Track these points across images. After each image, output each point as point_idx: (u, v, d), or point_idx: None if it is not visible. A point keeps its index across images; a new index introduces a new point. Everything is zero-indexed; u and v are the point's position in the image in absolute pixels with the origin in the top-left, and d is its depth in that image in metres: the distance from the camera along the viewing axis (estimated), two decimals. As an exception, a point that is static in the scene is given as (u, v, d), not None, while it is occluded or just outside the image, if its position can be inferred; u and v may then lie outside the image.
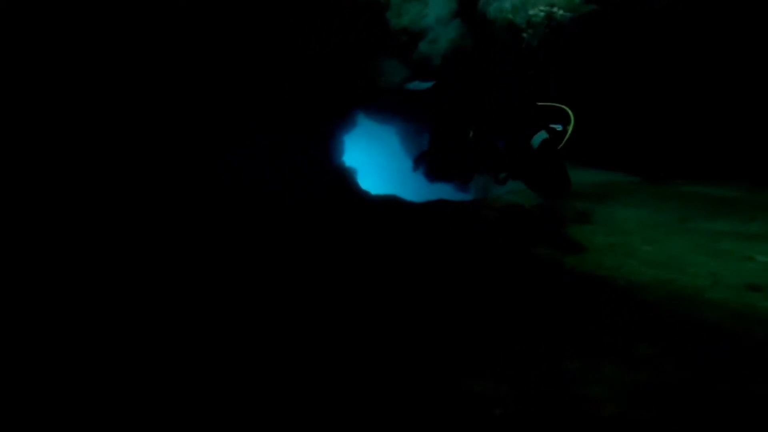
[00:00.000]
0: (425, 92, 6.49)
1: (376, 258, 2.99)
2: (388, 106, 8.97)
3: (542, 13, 4.78)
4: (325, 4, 6.10)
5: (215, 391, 1.60)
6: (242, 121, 3.62)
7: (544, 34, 4.87)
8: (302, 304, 2.30)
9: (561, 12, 4.64)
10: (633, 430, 1.35)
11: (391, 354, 1.86)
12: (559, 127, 2.89)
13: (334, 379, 1.68)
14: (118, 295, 2.28)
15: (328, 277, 2.66)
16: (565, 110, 2.84)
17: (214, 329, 2.04)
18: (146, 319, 2.11)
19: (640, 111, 4.88)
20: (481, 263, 2.81)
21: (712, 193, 3.93)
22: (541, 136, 2.91)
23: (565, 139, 2.79)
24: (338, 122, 7.97)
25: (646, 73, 4.67)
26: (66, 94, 2.13)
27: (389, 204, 4.33)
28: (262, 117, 4.09)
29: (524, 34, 5.01)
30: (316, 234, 3.35)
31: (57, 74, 2.04)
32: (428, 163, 4.26)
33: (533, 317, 2.11)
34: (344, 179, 5.88)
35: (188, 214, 3.05)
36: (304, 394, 1.59)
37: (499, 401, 1.49)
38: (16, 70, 1.87)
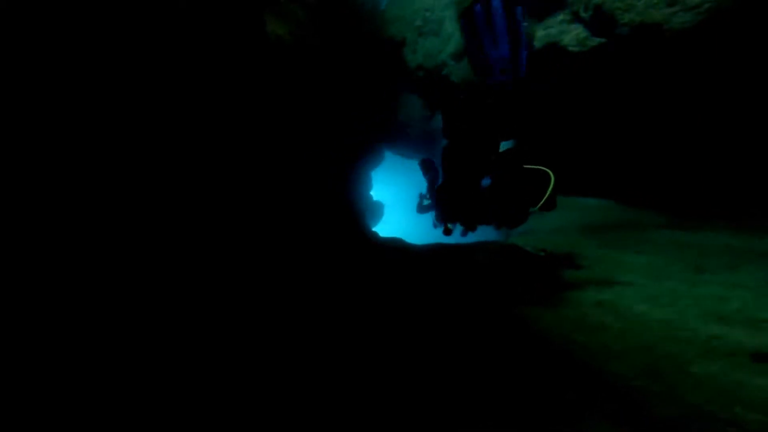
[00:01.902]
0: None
1: (343, 301, 2.92)
2: (413, 139, 9.00)
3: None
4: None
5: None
6: (242, 127, 3.50)
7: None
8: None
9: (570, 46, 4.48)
10: None
11: None
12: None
13: None
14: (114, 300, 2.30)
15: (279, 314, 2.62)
16: (546, 172, 2.72)
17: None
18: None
19: (663, 143, 4.55)
20: (445, 318, 2.66)
21: (738, 241, 3.52)
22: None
23: (544, 199, 2.67)
24: (360, 154, 8.03)
25: (663, 103, 4.37)
26: (67, 94, 2.15)
27: (386, 246, 4.25)
28: (264, 123, 3.94)
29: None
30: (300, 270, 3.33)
31: (58, 75, 2.08)
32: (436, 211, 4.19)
33: (482, 392, 1.94)
34: (353, 220, 5.84)
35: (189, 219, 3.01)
36: None
37: None
38: (17, 70, 1.91)
